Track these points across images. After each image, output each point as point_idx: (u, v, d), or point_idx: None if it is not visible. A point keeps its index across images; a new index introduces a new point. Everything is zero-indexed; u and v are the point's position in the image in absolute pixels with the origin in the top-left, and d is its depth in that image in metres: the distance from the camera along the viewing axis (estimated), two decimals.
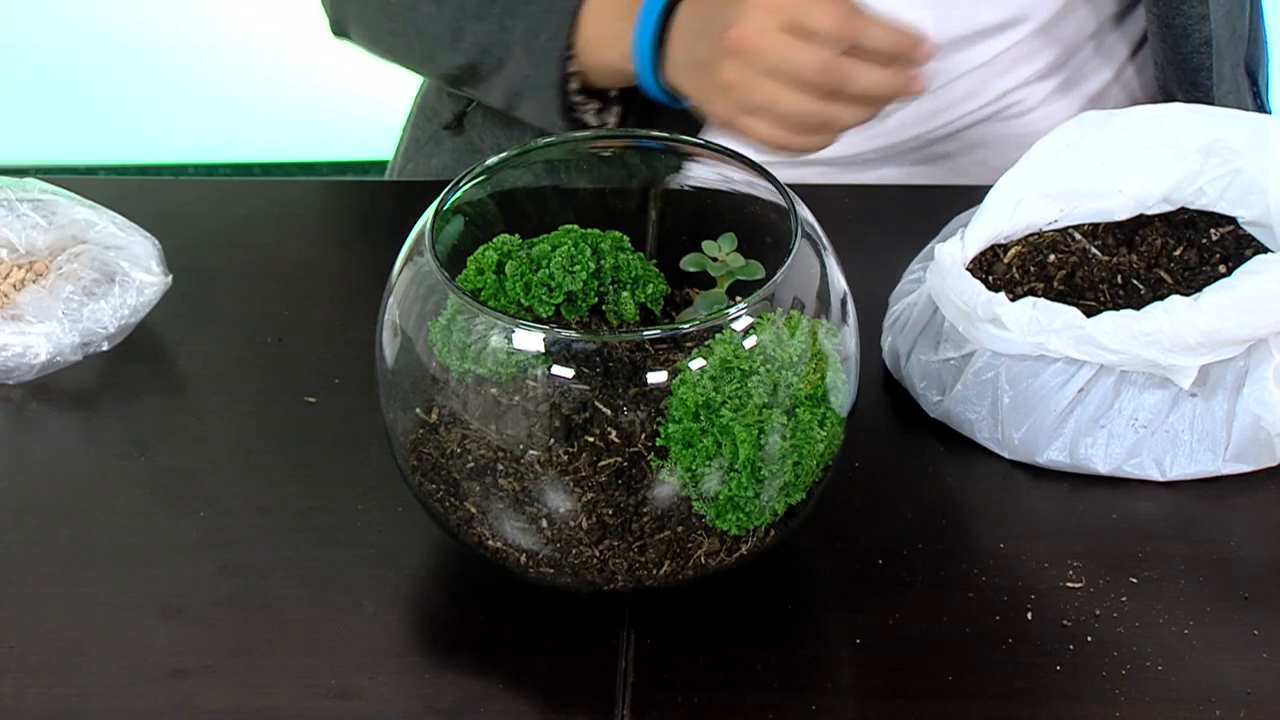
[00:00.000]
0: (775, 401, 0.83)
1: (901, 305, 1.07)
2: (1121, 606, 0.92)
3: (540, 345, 0.83)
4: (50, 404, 1.08)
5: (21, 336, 1.06)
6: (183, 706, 0.87)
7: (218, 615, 0.93)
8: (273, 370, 1.09)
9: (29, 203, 1.14)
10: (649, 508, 0.86)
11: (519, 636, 0.91)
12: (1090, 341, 0.96)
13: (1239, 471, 0.99)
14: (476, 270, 0.90)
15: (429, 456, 0.89)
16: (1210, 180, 1.08)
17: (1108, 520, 0.97)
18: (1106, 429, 0.98)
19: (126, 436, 1.06)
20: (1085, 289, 1.06)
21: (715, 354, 0.83)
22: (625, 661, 0.89)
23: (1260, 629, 0.90)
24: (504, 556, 0.89)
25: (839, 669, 0.89)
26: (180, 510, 0.99)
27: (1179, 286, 1.05)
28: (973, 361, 1.01)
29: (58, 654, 0.90)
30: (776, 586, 0.93)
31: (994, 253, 1.08)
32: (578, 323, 0.92)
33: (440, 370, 0.86)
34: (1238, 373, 0.98)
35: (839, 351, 0.87)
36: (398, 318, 0.88)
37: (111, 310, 1.08)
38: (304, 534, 0.97)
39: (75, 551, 0.97)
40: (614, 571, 0.87)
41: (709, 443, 0.83)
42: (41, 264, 1.12)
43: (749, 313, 0.83)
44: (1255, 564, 0.94)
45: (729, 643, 0.90)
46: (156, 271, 1.11)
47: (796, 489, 0.87)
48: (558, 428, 0.85)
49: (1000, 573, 0.94)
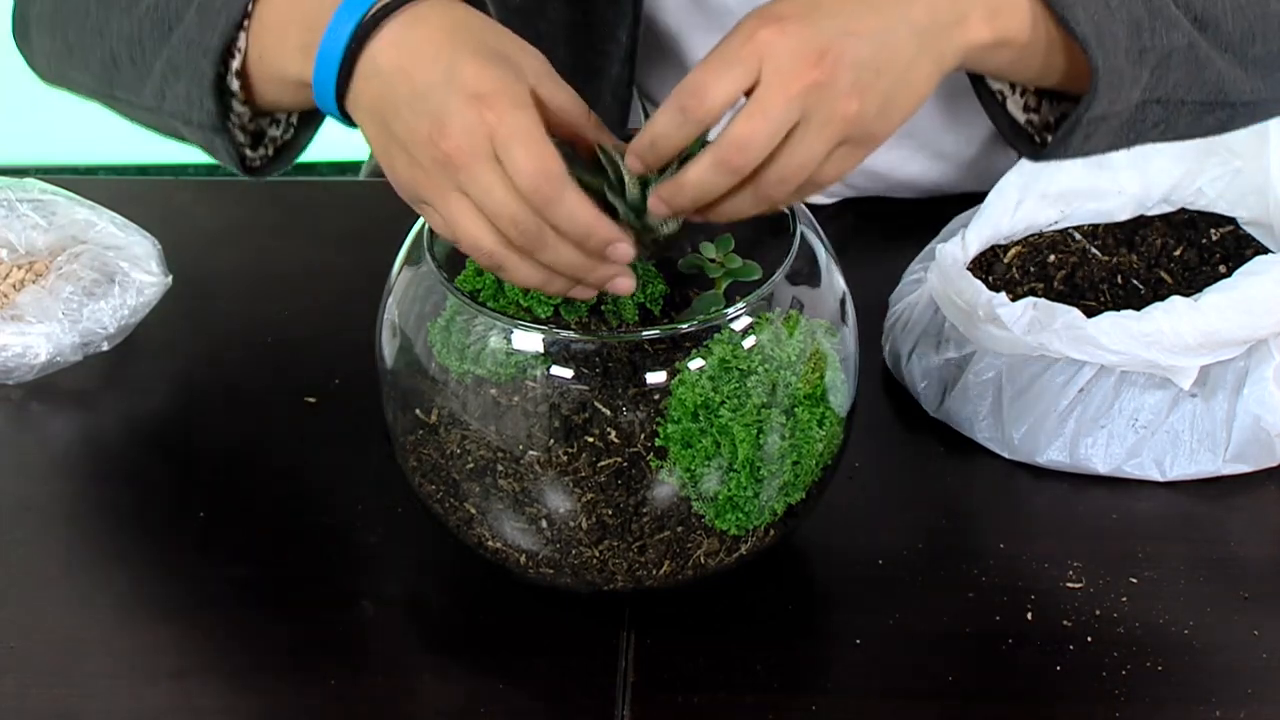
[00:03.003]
0: (774, 401, 0.83)
1: (902, 305, 1.07)
2: (1121, 606, 0.92)
3: (539, 345, 0.83)
4: (50, 404, 1.08)
5: (21, 336, 1.06)
6: (183, 706, 0.87)
7: (218, 615, 0.93)
8: (273, 370, 1.09)
9: (29, 203, 1.14)
10: (649, 508, 0.86)
11: (519, 636, 0.91)
12: (1090, 341, 0.96)
13: (1239, 471, 0.99)
14: (476, 270, 0.90)
15: (429, 457, 0.89)
16: (1210, 180, 1.08)
17: (1108, 520, 0.97)
18: (1106, 429, 0.98)
19: (126, 436, 1.06)
20: (1085, 289, 1.06)
21: (714, 354, 0.83)
22: (625, 661, 0.89)
23: (1260, 629, 0.90)
24: (504, 557, 0.89)
25: (839, 669, 0.89)
26: (180, 510, 0.99)
27: (1179, 287, 1.05)
28: (973, 362, 1.01)
29: (58, 654, 0.90)
30: (776, 586, 0.93)
31: (994, 253, 1.08)
32: (577, 323, 0.92)
33: (440, 371, 0.86)
34: (1238, 373, 0.98)
35: (838, 351, 0.87)
36: (397, 318, 0.88)
37: (111, 310, 1.08)
38: (304, 534, 0.97)
39: (75, 551, 0.97)
40: (614, 572, 0.87)
41: (708, 443, 0.83)
42: (41, 264, 1.12)
43: (748, 313, 0.83)
44: (1255, 564, 0.94)
45: (729, 643, 0.90)
46: (156, 271, 1.11)
47: (796, 489, 0.87)
48: (557, 428, 0.85)
49: (1000, 573, 0.94)
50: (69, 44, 1.00)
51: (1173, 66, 0.87)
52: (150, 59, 0.95)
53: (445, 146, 0.79)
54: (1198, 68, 0.88)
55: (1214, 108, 0.91)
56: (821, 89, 0.78)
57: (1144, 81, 0.86)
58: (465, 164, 0.79)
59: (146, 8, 0.95)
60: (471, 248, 0.82)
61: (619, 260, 0.81)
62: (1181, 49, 0.87)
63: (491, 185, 0.79)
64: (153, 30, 0.95)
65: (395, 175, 0.85)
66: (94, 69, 0.99)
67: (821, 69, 0.77)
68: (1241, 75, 0.90)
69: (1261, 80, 0.90)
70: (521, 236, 0.80)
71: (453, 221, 0.82)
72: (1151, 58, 0.86)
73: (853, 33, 0.78)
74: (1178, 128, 0.91)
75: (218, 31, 0.90)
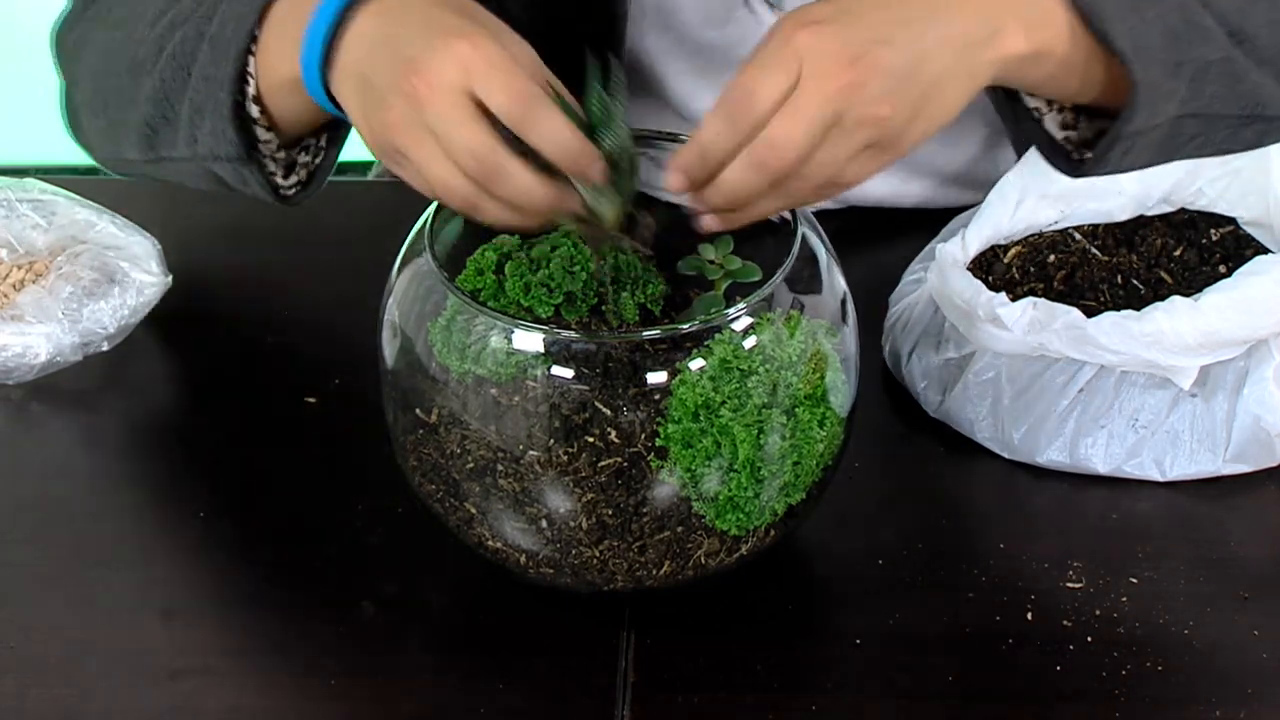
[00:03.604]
0: (774, 401, 0.83)
1: (902, 305, 1.07)
2: (1121, 606, 0.92)
3: (540, 345, 0.83)
4: (50, 404, 1.08)
5: (21, 336, 1.06)
6: (183, 706, 0.87)
7: (218, 615, 0.93)
8: (273, 370, 1.09)
9: (29, 203, 1.14)
10: (649, 508, 0.86)
11: (519, 636, 0.91)
12: (1090, 341, 0.96)
13: (1239, 471, 0.99)
14: (476, 270, 0.90)
15: (429, 457, 0.89)
16: (1210, 180, 1.08)
17: (1108, 520, 0.97)
18: (1106, 429, 0.98)
19: (126, 436, 1.06)
20: (1085, 289, 1.06)
21: (715, 354, 0.83)
22: (625, 661, 0.89)
23: (1260, 629, 0.90)
24: (504, 557, 0.89)
25: (839, 669, 0.89)
26: (180, 511, 0.99)
27: (1179, 286, 1.05)
28: (973, 361, 1.01)
29: (58, 654, 0.90)
30: (776, 586, 0.93)
31: (994, 253, 1.08)
32: (577, 323, 0.92)
33: (440, 371, 0.86)
34: (1238, 373, 0.98)
35: (839, 351, 0.87)
36: (397, 318, 0.88)
37: (111, 310, 1.08)
38: (303, 534, 0.97)
39: (75, 552, 0.97)
40: (614, 572, 0.87)
41: (708, 443, 0.83)
42: (41, 264, 1.12)
43: (748, 313, 0.83)
44: (1255, 564, 0.94)
45: (729, 643, 0.90)
46: (156, 271, 1.11)
47: (796, 489, 0.87)
48: (557, 428, 0.85)
49: (1000, 573, 0.94)
50: (112, 122, 1.05)
51: (1209, 80, 0.87)
52: (177, 107, 0.99)
53: (415, 81, 0.81)
54: (1234, 81, 0.88)
55: (1251, 121, 0.91)
56: (855, 90, 0.78)
57: (1181, 94, 0.86)
58: (431, 97, 0.81)
59: (167, 57, 0.99)
60: (444, 192, 0.84)
61: (598, 180, 0.81)
62: (1218, 62, 0.87)
63: (457, 119, 0.81)
64: (174, 77, 0.99)
65: (371, 127, 0.86)
66: (134, 138, 1.03)
67: (856, 70, 0.78)
68: (1278, 89, 0.90)
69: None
70: (482, 171, 0.81)
71: (424, 167, 0.83)
72: (1188, 70, 0.86)
73: (885, 41, 0.79)
74: (1215, 141, 0.91)
75: (229, 59, 0.94)
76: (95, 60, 1.07)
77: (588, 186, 0.82)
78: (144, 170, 1.07)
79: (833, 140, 0.79)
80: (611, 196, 0.83)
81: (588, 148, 0.81)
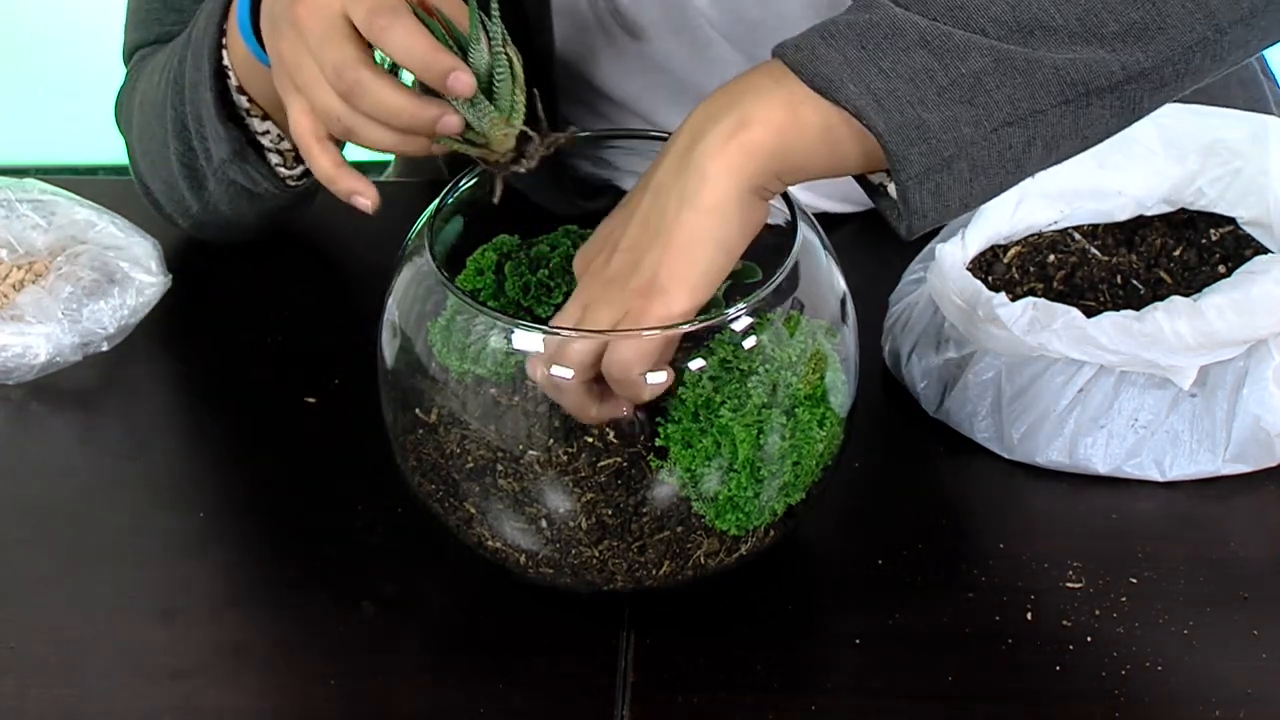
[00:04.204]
0: (774, 401, 0.83)
1: (902, 305, 1.07)
2: (1121, 606, 0.92)
3: (539, 345, 0.83)
4: (50, 404, 1.08)
5: (21, 336, 1.06)
6: (183, 706, 0.87)
7: (218, 615, 0.93)
8: (272, 370, 1.09)
9: (29, 203, 1.14)
10: (648, 508, 0.86)
11: (519, 636, 0.91)
12: (1090, 341, 0.96)
13: (1239, 471, 0.99)
14: (476, 270, 0.90)
15: (429, 457, 0.89)
16: (1210, 180, 1.08)
17: (1108, 520, 0.97)
18: (1106, 429, 0.98)
19: (126, 436, 1.06)
20: (1085, 289, 1.06)
21: (715, 354, 0.83)
22: (625, 661, 0.89)
23: (1260, 629, 0.90)
24: (504, 557, 0.89)
25: (839, 669, 0.89)
26: (180, 510, 0.99)
27: (1179, 286, 1.05)
28: (973, 362, 1.01)
29: (58, 654, 0.90)
30: (776, 586, 0.93)
31: (994, 253, 1.08)
32: None
33: (440, 370, 0.86)
34: (1238, 373, 0.98)
35: (839, 352, 0.87)
36: (397, 318, 0.88)
37: (111, 310, 1.08)
38: (303, 534, 0.97)
39: (75, 551, 0.97)
40: (614, 572, 0.87)
41: (708, 443, 0.83)
42: (41, 264, 1.12)
43: (748, 313, 0.83)
44: (1255, 564, 0.94)
45: (729, 643, 0.90)
46: (156, 272, 1.11)
47: (796, 489, 0.87)
48: (557, 428, 0.85)
49: (1000, 573, 0.94)
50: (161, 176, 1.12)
51: (990, 87, 0.81)
52: (188, 125, 1.04)
53: (299, 8, 0.86)
54: (1025, 74, 0.82)
55: (1089, 97, 0.84)
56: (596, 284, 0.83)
57: (966, 116, 0.81)
58: (309, 20, 0.86)
59: (172, 85, 1.05)
60: (324, 117, 0.87)
61: (461, 92, 0.82)
62: (989, 67, 0.81)
63: (327, 38, 0.85)
64: (177, 98, 1.07)
65: (274, 64, 0.90)
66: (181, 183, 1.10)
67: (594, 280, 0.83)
68: (1105, 55, 0.83)
69: (1141, 50, 0.83)
70: (343, 84, 0.85)
71: (308, 91, 0.87)
72: (957, 91, 0.81)
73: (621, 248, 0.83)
74: (1066, 132, 0.85)
75: (205, 58, 0.99)
76: (138, 120, 1.12)
77: (461, 102, 0.83)
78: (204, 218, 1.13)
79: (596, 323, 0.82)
80: (490, 113, 0.83)
81: (444, 56, 0.82)
